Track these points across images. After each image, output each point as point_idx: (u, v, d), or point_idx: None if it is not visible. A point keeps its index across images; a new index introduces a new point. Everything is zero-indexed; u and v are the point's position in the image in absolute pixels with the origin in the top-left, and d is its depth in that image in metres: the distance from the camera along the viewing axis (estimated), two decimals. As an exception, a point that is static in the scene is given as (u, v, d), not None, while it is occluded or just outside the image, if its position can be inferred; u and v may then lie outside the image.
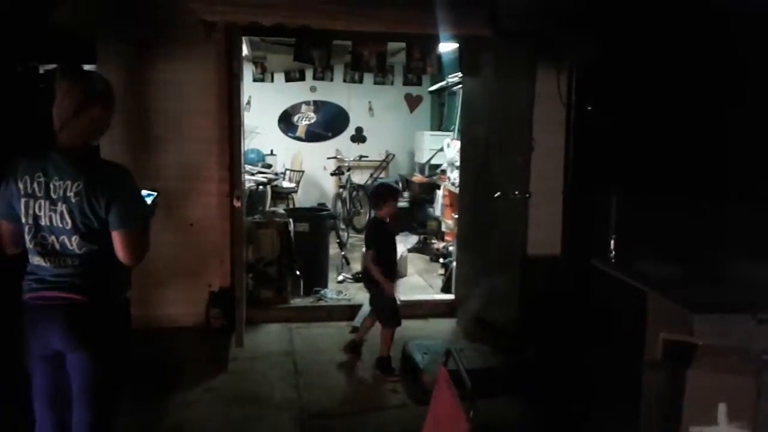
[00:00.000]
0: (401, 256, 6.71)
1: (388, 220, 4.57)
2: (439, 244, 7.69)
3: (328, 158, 10.06)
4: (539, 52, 4.67)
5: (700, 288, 2.77)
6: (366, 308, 5.01)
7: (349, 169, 9.40)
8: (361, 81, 9.77)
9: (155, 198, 2.68)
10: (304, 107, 10.27)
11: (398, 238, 7.45)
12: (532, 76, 4.65)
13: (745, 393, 2.29)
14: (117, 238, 2.28)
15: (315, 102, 10.27)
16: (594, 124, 4.66)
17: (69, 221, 2.23)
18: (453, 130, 8.40)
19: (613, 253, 3.31)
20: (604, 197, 3.47)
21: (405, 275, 6.80)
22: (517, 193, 4.71)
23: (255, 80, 9.62)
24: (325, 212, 6.87)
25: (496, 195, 4.77)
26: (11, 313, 2.39)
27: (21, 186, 2.25)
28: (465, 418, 2.06)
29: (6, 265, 2.46)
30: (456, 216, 6.33)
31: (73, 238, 2.25)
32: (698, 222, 3.35)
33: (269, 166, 9.52)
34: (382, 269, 4.32)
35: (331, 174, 9.74)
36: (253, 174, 8.42)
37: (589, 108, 4.74)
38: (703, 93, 3.78)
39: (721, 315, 2.48)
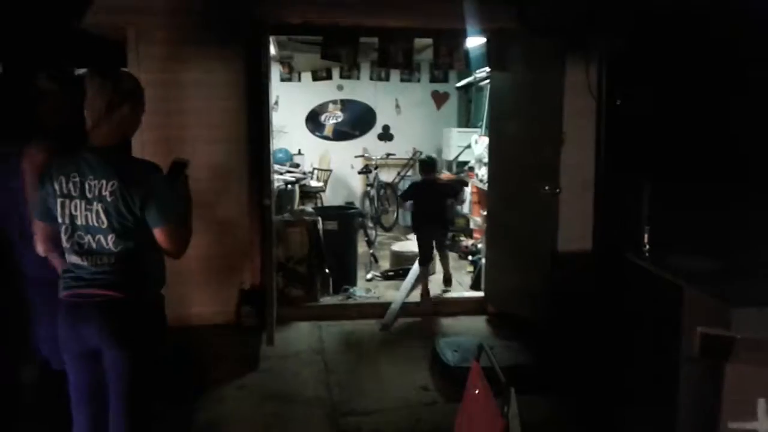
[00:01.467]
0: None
1: None
2: (467, 242, 7.66)
3: (356, 157, 10.07)
4: (568, 45, 4.62)
5: (737, 281, 2.71)
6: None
7: (376, 168, 9.40)
8: (387, 79, 9.81)
9: (184, 167, 2.61)
10: (331, 106, 10.30)
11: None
12: (561, 69, 4.59)
13: (786, 388, 2.23)
14: (159, 235, 2.32)
15: (342, 101, 10.29)
16: (625, 116, 4.60)
17: (105, 220, 2.26)
18: (480, 127, 8.35)
19: (647, 246, 3.25)
20: (637, 190, 3.41)
21: (434, 273, 6.77)
22: (547, 188, 4.67)
23: (282, 80, 9.68)
24: (354, 210, 6.87)
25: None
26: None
27: (56, 186, 2.28)
28: (500, 413, 2.04)
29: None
30: (484, 213, 6.29)
31: (110, 237, 2.27)
32: (733, 213, 3.28)
33: (297, 166, 9.56)
34: None
35: (359, 172, 9.75)
36: (281, 173, 8.47)
37: (619, 102, 4.68)
38: (738, 81, 3.71)
39: (760, 308, 2.43)
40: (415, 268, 6.22)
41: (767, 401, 2.29)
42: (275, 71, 9.12)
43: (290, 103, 9.85)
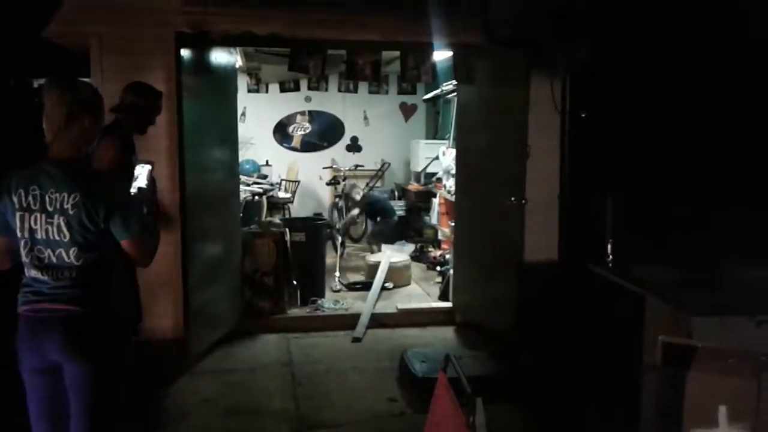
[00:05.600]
0: (400, 263, 6.73)
1: None
2: (435, 252, 7.68)
3: (324, 168, 10.06)
4: (533, 59, 4.69)
5: (698, 291, 2.77)
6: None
7: (344, 179, 9.38)
8: (355, 90, 9.83)
9: (151, 171, 2.78)
10: (299, 117, 10.28)
11: (394, 247, 7.57)
12: (526, 82, 4.66)
13: (745, 395, 2.27)
14: (127, 246, 2.31)
15: (310, 112, 10.28)
16: (589, 129, 4.67)
17: (67, 234, 2.22)
18: (448, 138, 8.40)
19: (611, 257, 3.30)
20: (600, 202, 3.47)
21: (409, 284, 6.81)
22: (513, 199, 4.72)
23: (250, 91, 9.64)
24: (322, 222, 6.85)
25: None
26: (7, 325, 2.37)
27: (15, 200, 2.23)
28: (465, 422, 2.04)
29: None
30: (452, 224, 6.33)
31: (71, 251, 2.23)
32: (695, 225, 3.35)
33: (265, 177, 9.51)
34: None
35: (327, 184, 9.73)
36: (248, 185, 8.41)
37: (583, 115, 4.76)
38: (696, 96, 3.80)
39: (720, 317, 2.48)
40: (379, 278, 6.26)
41: (728, 408, 2.33)
42: (242, 82, 9.07)
43: (258, 114, 9.81)
